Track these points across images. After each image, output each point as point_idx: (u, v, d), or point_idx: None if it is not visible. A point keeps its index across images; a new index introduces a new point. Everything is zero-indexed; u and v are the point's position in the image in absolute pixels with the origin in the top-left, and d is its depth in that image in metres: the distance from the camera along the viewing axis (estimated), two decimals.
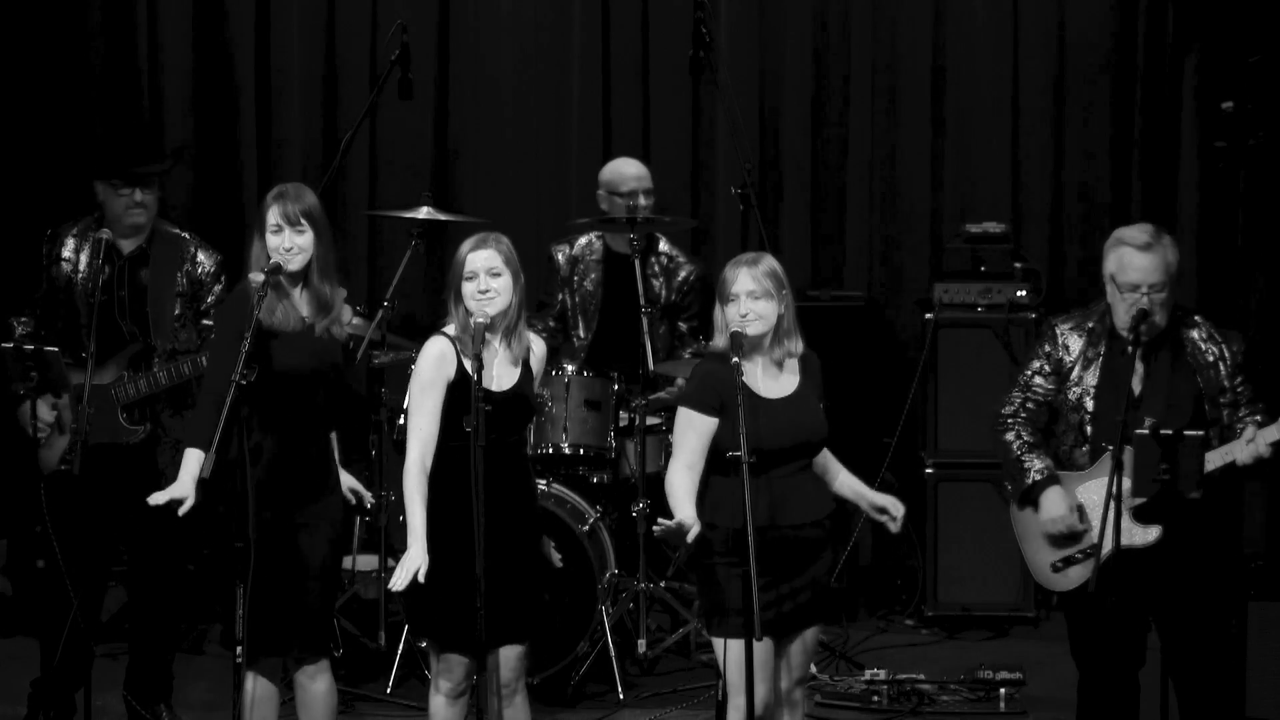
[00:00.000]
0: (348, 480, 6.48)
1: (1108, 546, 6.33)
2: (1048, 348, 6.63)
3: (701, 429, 6.08)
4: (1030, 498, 6.58)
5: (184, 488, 6.17)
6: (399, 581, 6.06)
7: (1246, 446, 6.38)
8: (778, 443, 6.03)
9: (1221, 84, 9.15)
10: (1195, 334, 6.55)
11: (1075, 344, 6.59)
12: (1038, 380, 6.63)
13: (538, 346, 6.34)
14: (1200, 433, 6.25)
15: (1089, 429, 6.53)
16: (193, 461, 6.19)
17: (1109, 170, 9.56)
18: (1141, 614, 6.55)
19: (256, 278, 6.22)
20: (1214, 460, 6.39)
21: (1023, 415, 6.63)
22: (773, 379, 6.15)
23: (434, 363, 6.18)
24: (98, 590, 7.38)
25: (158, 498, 6.17)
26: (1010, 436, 6.61)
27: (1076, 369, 6.56)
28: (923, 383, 8.94)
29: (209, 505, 6.24)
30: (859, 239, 9.71)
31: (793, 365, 6.19)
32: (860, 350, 9.12)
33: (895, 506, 6.27)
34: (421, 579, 6.06)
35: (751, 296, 6.07)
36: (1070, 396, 6.56)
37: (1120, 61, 9.51)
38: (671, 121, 9.72)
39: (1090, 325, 6.58)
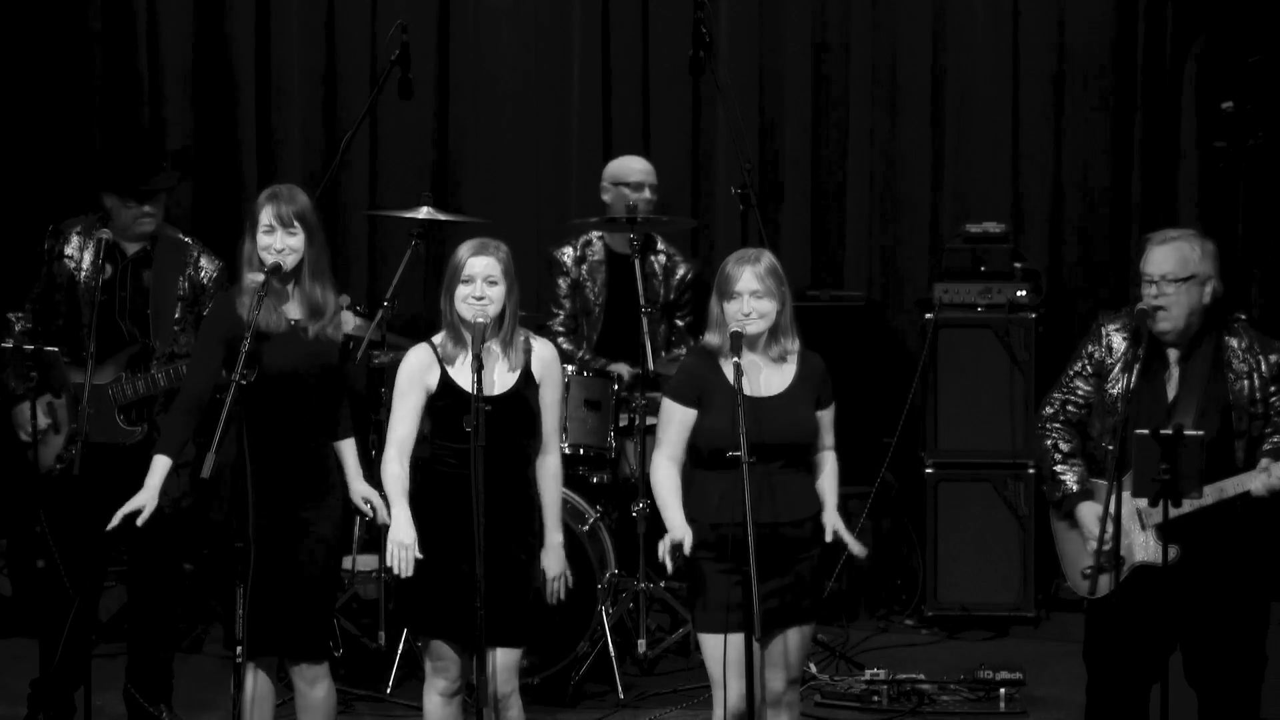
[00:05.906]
0: (365, 491, 6.44)
1: (1137, 557, 6.32)
2: (1090, 347, 6.51)
3: (682, 421, 6.08)
4: (1063, 509, 6.52)
5: (143, 497, 6.21)
6: (398, 561, 6.06)
7: (1259, 476, 6.24)
8: (761, 439, 5.96)
9: (1221, 84, 9.15)
10: (1236, 342, 6.39)
11: (1119, 343, 6.45)
12: (1078, 382, 6.52)
13: (543, 350, 6.27)
14: (1200, 433, 6.12)
15: (1122, 435, 6.31)
16: (159, 470, 6.23)
17: (1109, 170, 9.55)
18: (1166, 634, 6.40)
19: (256, 278, 6.22)
20: (1210, 495, 6.21)
21: (1061, 419, 6.53)
22: (766, 376, 6.12)
23: (409, 373, 6.19)
24: (95, 590, 7.38)
25: (119, 518, 6.19)
26: (1048, 444, 6.53)
27: (1117, 369, 6.42)
28: (923, 383, 8.93)
29: (206, 506, 6.24)
30: (859, 239, 9.71)
31: (790, 363, 6.15)
32: (860, 350, 9.10)
33: (840, 534, 6.11)
34: (415, 551, 6.05)
35: (755, 296, 6.05)
36: (1108, 398, 6.42)
37: (1120, 61, 9.51)
38: (671, 121, 9.72)
39: (1136, 326, 6.38)
